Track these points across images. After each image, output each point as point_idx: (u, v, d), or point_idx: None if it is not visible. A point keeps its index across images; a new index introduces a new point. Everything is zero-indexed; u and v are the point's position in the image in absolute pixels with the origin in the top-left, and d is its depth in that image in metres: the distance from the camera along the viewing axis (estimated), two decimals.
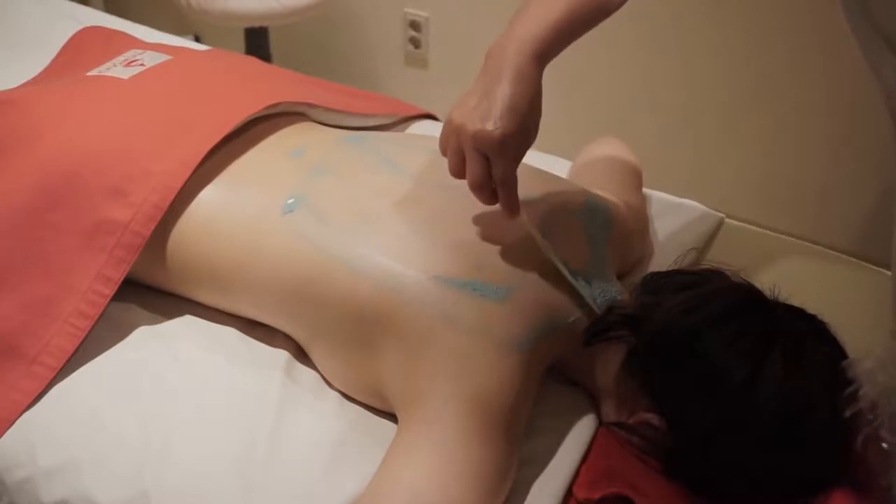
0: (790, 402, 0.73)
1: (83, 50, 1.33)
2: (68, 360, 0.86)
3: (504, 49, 0.76)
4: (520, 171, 0.96)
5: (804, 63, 1.74)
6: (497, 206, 0.79)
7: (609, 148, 1.17)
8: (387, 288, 0.81)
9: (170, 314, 0.95)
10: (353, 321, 0.83)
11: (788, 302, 0.81)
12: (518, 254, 0.85)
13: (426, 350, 0.78)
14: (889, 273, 1.16)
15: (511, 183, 0.76)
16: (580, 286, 0.84)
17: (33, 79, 1.31)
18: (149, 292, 0.96)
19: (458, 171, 0.77)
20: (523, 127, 0.74)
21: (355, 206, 0.88)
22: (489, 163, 0.74)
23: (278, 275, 0.87)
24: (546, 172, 1.00)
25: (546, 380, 0.87)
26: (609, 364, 0.84)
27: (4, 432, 0.82)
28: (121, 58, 1.13)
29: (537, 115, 0.77)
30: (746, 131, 1.88)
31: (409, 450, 0.75)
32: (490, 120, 0.72)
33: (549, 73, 0.82)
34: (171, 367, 0.88)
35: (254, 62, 1.26)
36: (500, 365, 0.78)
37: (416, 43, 2.20)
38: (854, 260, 1.19)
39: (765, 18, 1.72)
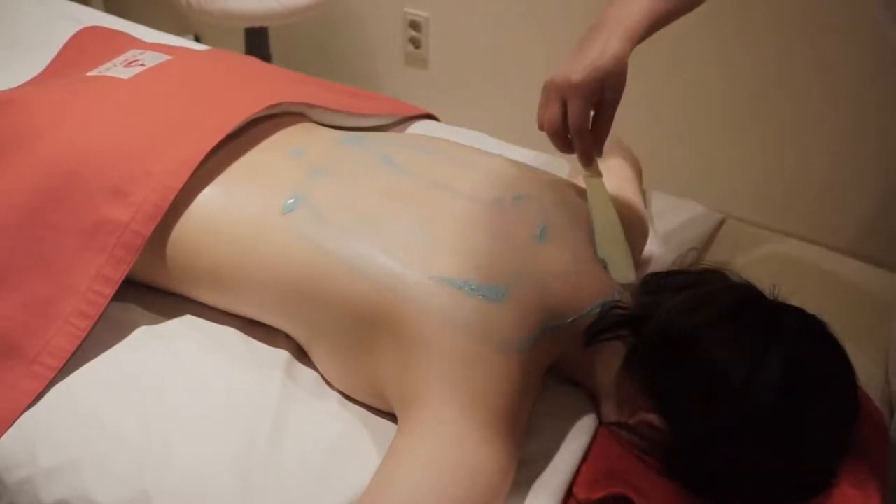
0: (789, 402, 0.73)
1: (83, 50, 1.33)
2: (68, 360, 0.86)
3: (599, 28, 0.85)
4: (522, 171, 0.97)
5: (803, 63, 1.74)
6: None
7: (609, 148, 1.16)
8: (386, 288, 0.81)
9: (170, 314, 0.95)
10: (352, 321, 0.83)
11: (788, 302, 0.81)
12: (516, 254, 0.85)
13: (424, 350, 0.78)
14: (889, 272, 1.17)
15: (583, 130, 0.84)
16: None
17: (33, 79, 1.31)
18: (149, 292, 0.96)
19: (540, 121, 0.85)
20: (601, 80, 0.82)
21: (355, 205, 0.89)
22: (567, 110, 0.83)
23: (278, 274, 0.87)
24: (548, 172, 1.00)
25: (546, 380, 0.87)
26: (609, 364, 0.84)
27: (4, 432, 0.82)
28: (121, 58, 1.13)
29: (619, 81, 0.84)
30: (746, 131, 1.88)
31: (409, 450, 0.75)
32: (573, 70, 0.82)
33: (551, 72, 0.83)
34: (171, 367, 0.88)
35: (254, 62, 1.26)
36: (499, 365, 0.78)
37: (416, 43, 2.20)
38: (854, 260, 1.19)
39: (765, 19, 1.73)
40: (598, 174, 0.90)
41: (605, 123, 0.86)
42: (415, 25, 2.17)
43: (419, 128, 1.30)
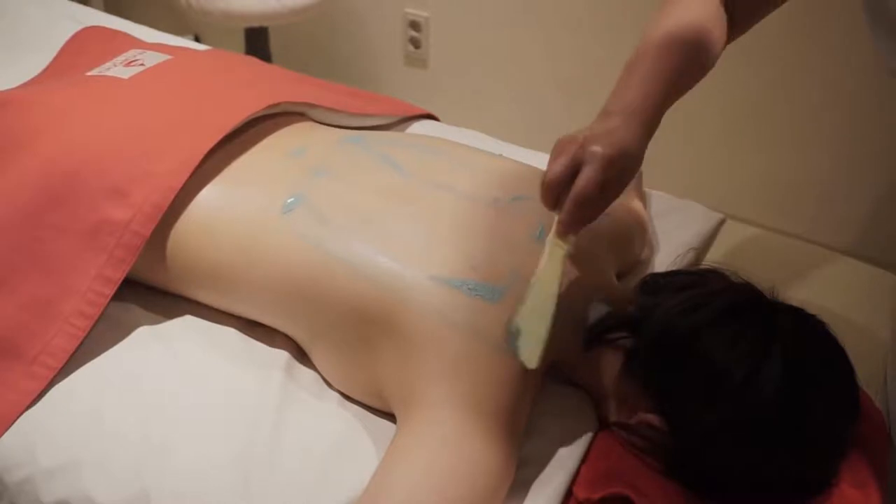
0: (789, 401, 0.73)
1: (83, 50, 1.33)
2: (68, 360, 0.86)
3: (624, 111, 0.79)
4: (521, 171, 0.97)
5: (803, 64, 1.74)
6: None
7: None
8: (385, 287, 0.81)
9: (170, 314, 0.95)
10: (351, 321, 0.83)
11: (788, 302, 0.81)
12: (514, 254, 0.85)
13: (423, 350, 0.78)
14: (889, 272, 1.17)
15: (590, 202, 0.74)
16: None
17: (33, 79, 1.31)
18: (149, 292, 0.96)
19: (550, 172, 0.75)
20: (623, 163, 0.75)
21: (355, 205, 0.89)
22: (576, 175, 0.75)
23: (278, 274, 0.87)
24: None
25: (546, 380, 0.87)
26: (609, 364, 0.84)
27: (4, 432, 0.82)
28: (121, 58, 1.13)
29: (634, 170, 0.78)
30: (746, 132, 1.88)
31: (408, 451, 0.75)
32: (601, 141, 0.74)
33: (551, 72, 0.82)
34: (171, 367, 0.88)
35: (254, 62, 1.26)
36: (497, 365, 0.78)
37: (416, 43, 2.20)
38: (853, 260, 1.19)
39: (764, 20, 1.73)
40: (567, 247, 0.77)
41: (604, 204, 0.77)
42: (415, 25, 2.17)
43: (419, 128, 1.30)
